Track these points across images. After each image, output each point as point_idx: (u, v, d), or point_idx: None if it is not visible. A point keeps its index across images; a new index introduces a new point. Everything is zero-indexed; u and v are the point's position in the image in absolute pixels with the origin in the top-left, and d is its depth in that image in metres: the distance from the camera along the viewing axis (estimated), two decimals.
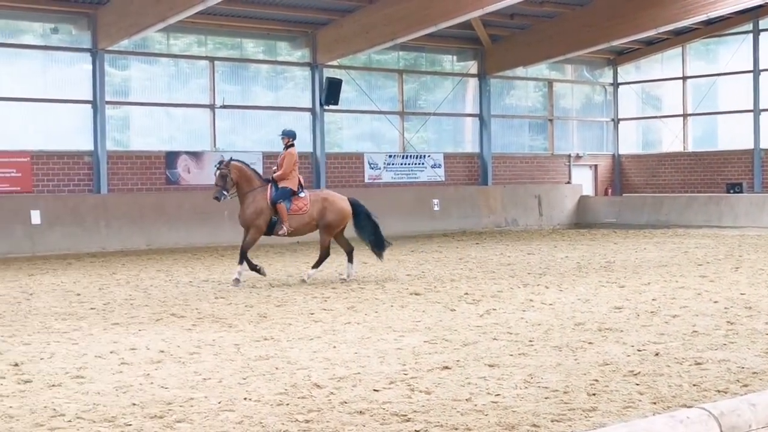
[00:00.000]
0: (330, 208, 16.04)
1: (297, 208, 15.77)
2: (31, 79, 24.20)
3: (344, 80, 28.58)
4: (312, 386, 7.72)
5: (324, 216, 16.00)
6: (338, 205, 16.16)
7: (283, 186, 15.73)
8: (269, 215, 15.59)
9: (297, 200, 15.78)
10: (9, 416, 6.89)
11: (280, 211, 15.57)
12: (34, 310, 12.88)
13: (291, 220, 15.67)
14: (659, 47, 34.46)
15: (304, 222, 15.93)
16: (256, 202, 15.54)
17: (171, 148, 25.94)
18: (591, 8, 29.43)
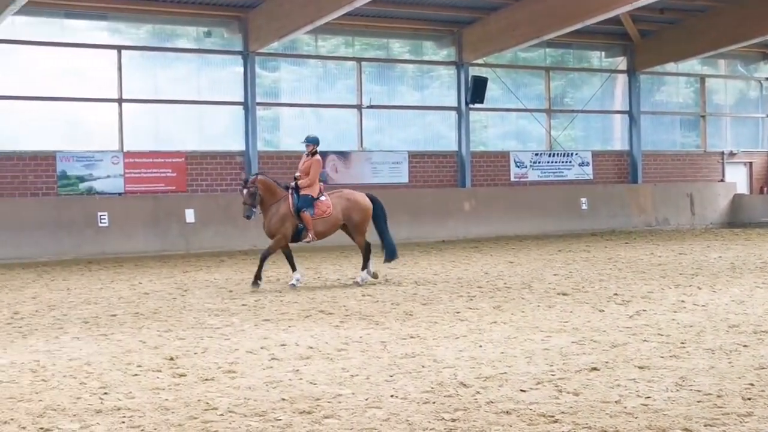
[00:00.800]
0: (354, 207, 15.86)
1: (321, 212, 15.54)
2: (186, 82, 24.98)
3: (490, 78, 28.46)
4: (458, 385, 7.72)
5: (350, 217, 15.83)
6: (360, 202, 15.98)
7: (305, 194, 15.51)
8: (294, 223, 15.38)
9: (319, 204, 15.55)
10: (165, 408, 7.12)
11: (305, 219, 15.34)
12: (189, 305, 13.27)
13: (316, 224, 15.47)
14: None
15: (330, 224, 15.71)
16: (280, 212, 15.35)
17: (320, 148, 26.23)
18: (744, 1, 28.45)
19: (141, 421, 6.75)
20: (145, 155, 23.88)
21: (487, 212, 27.54)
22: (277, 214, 15.34)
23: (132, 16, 24.13)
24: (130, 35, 24.51)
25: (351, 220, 15.85)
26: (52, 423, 6.75)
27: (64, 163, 22.82)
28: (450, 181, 28.24)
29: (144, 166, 23.77)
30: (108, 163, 23.28)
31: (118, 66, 23.84)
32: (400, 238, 25.37)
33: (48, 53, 23.25)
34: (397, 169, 27.30)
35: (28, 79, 22.86)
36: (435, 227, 26.46)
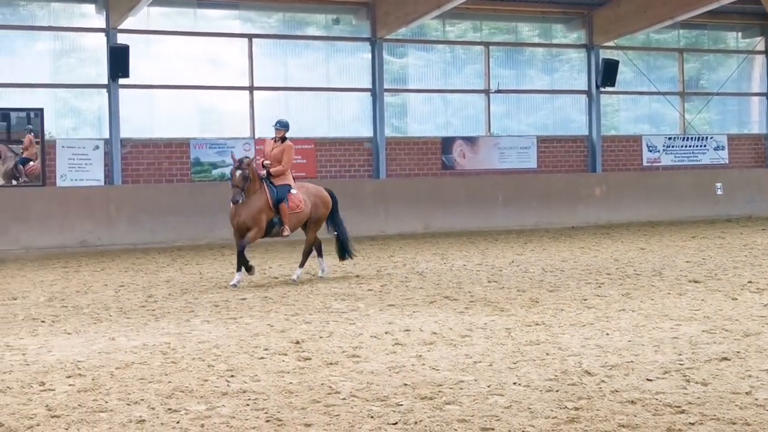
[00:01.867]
0: (320, 203, 15.08)
1: (294, 205, 14.51)
2: (315, 69, 25.25)
3: (621, 61, 27.89)
4: (583, 373, 7.61)
5: (317, 210, 15.00)
6: (325, 198, 15.21)
7: (282, 183, 14.52)
8: (270, 216, 14.35)
9: (292, 197, 14.47)
10: (289, 392, 7.23)
11: (283, 212, 14.38)
12: (316, 290, 13.45)
13: (291, 219, 14.50)
14: None
15: (300, 219, 14.78)
16: (259, 203, 14.20)
17: (447, 133, 26.28)
18: None
19: (265, 404, 6.87)
20: None
21: (619, 198, 27.05)
22: (255, 205, 14.18)
23: (263, 5, 24.50)
24: (261, 24, 24.90)
25: (315, 215, 15.02)
26: (180, 404, 6.92)
27: (198, 150, 23.37)
28: (580, 166, 27.82)
29: None
30: (240, 149, 23.70)
31: (249, 54, 24.26)
32: (529, 223, 25.24)
33: (181, 43, 23.82)
34: (526, 154, 27.03)
35: (163, 68, 23.46)
36: (565, 213, 26.12)
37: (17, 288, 14.41)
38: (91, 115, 22.96)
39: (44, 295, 13.56)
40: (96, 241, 21.32)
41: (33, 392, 7.41)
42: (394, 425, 6.28)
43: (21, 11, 22.20)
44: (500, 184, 25.76)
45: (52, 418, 6.64)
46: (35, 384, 7.67)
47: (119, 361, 8.50)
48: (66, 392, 7.36)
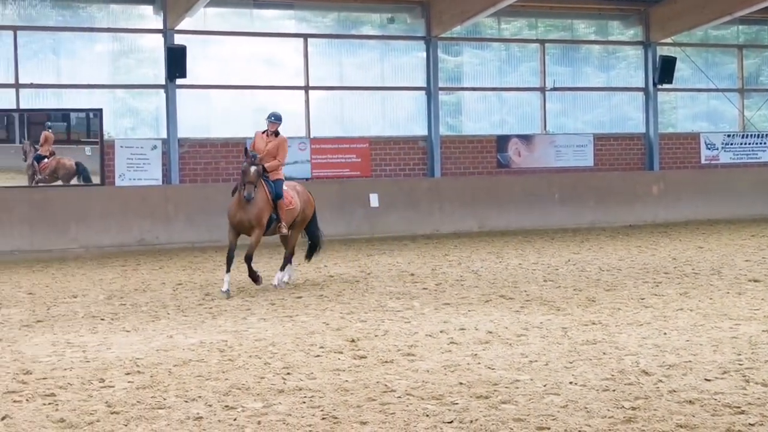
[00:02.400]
0: (308, 202, 14.56)
1: (288, 202, 13.91)
2: (370, 68, 25.30)
3: (678, 58, 27.57)
4: (640, 373, 7.55)
5: (304, 210, 14.37)
6: (311, 198, 14.73)
7: (278, 178, 13.85)
8: (270, 212, 13.69)
9: (285, 193, 13.86)
10: (344, 389, 7.26)
11: (281, 207, 13.78)
12: (371, 288, 13.47)
13: (286, 215, 13.89)
14: None
15: (293, 216, 14.12)
16: (261, 199, 13.46)
17: (502, 131, 26.18)
18: None
19: (321, 402, 6.90)
20: (331, 141, 24.34)
21: (677, 196, 26.74)
22: (258, 202, 13.39)
23: (318, 5, 24.60)
24: (316, 23, 25.00)
25: (302, 215, 14.40)
26: (237, 401, 6.98)
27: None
28: (637, 164, 27.56)
29: (330, 152, 24.24)
30: (295, 149, 23.83)
31: (304, 54, 24.36)
32: (585, 222, 25.06)
33: (237, 43, 23.98)
34: (582, 152, 26.83)
35: (219, 68, 23.66)
36: (621, 211, 25.88)
37: (77, 286, 14.63)
38: (149, 116, 23.22)
39: (103, 293, 13.74)
40: (154, 239, 21.56)
41: (93, 389, 7.52)
42: (449, 424, 6.28)
43: (81, 13, 22.50)
44: (556, 182, 25.60)
45: (111, 414, 6.73)
46: (95, 381, 7.79)
47: (177, 359, 8.59)
48: (125, 389, 7.46)
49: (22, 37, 21.71)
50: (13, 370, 8.24)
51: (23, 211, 20.60)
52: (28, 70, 21.69)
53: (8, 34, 21.55)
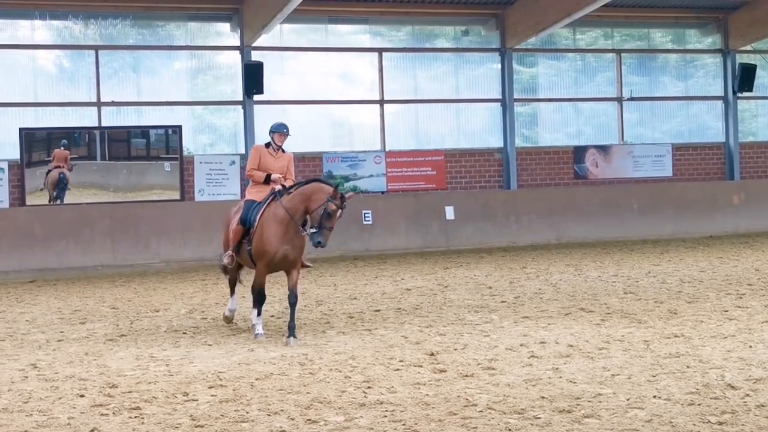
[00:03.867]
0: None
1: None
2: (444, 81, 25.32)
3: (759, 65, 27.09)
4: (726, 387, 7.42)
5: None
6: None
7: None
8: None
9: None
10: (425, 404, 7.26)
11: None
12: (449, 302, 13.45)
13: None
14: None
15: None
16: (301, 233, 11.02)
17: (578, 142, 25.99)
18: None
19: (402, 416, 6.91)
20: (406, 154, 24.38)
21: (759, 206, 26.23)
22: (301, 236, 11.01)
23: (392, 19, 24.71)
24: (390, 37, 25.11)
25: None
26: (319, 415, 7.02)
27: (330, 163, 23.67)
28: (717, 173, 27.12)
29: (405, 165, 24.28)
30: (371, 162, 23.95)
31: (379, 68, 24.48)
32: (665, 233, 24.71)
33: (313, 58, 24.20)
34: (660, 162, 26.49)
35: (295, 83, 23.90)
36: (702, 222, 25.48)
37: (159, 300, 14.85)
38: (226, 131, 23.53)
39: (185, 307, 13.94)
40: None
41: (177, 402, 7.62)
42: None
43: (159, 32, 22.92)
44: (634, 192, 25.31)
45: (196, 427, 6.82)
46: (179, 394, 7.90)
47: (259, 372, 8.67)
48: (208, 402, 7.55)
49: (103, 56, 22.19)
50: (99, 384, 8.40)
51: (105, 225, 21.00)
52: (110, 88, 22.16)
53: (90, 53, 22.06)
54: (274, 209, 10.94)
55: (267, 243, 10.77)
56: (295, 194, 10.94)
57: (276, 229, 10.79)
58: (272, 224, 10.80)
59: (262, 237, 10.81)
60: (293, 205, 10.84)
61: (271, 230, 10.79)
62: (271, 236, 10.77)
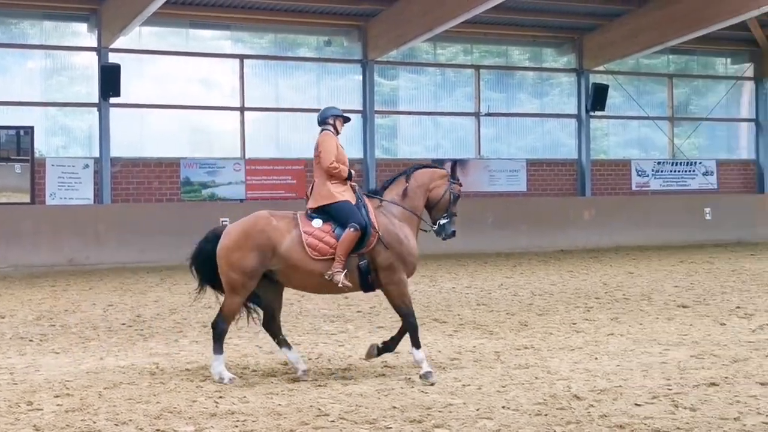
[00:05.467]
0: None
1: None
2: (306, 90, 25.32)
3: (611, 85, 28.02)
4: (572, 397, 7.61)
5: None
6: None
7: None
8: None
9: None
10: (277, 413, 7.21)
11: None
12: (305, 311, 13.42)
13: None
14: None
15: None
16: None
17: (437, 155, 26.32)
18: None
19: (254, 426, 6.85)
20: (266, 162, 24.27)
21: (608, 222, 27.09)
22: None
23: (254, 26, 24.58)
24: (253, 44, 24.97)
25: None
26: (168, 425, 6.90)
27: (188, 169, 23.36)
28: (569, 189, 27.91)
29: (265, 173, 24.17)
30: (230, 170, 23.74)
31: (240, 74, 24.32)
32: (518, 246, 25.24)
33: (173, 62, 23.87)
34: (516, 177, 27.10)
35: (154, 87, 23.50)
36: (554, 236, 26.13)
37: (5, 306, 14.36)
38: (81, 134, 22.95)
39: (32, 313, 13.51)
40: (84, 260, 21.25)
41: (20, 412, 7.38)
42: None
43: (13, 30, 22.23)
44: (490, 206, 25.80)
45: None
46: (23, 403, 7.64)
47: (107, 381, 8.47)
48: (54, 412, 7.33)
49: None
50: None
51: None
52: None
53: None
54: (388, 209, 9.10)
55: (414, 250, 9.11)
56: (411, 189, 9.25)
57: (411, 233, 9.16)
58: (406, 228, 9.09)
59: (410, 244, 9.02)
60: (415, 202, 9.25)
61: (411, 235, 9.12)
62: (414, 242, 9.13)
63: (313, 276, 8.67)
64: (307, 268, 8.64)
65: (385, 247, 8.79)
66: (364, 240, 8.72)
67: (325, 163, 8.97)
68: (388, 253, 8.80)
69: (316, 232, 8.70)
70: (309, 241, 8.64)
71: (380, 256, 8.78)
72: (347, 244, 8.65)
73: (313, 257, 8.62)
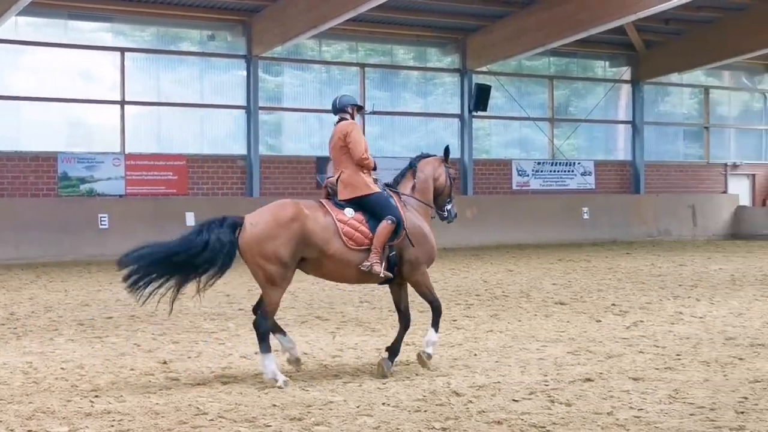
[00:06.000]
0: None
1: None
2: (189, 85, 25.01)
3: (493, 86, 28.43)
4: (451, 394, 7.68)
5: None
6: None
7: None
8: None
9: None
10: (155, 413, 7.08)
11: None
12: (185, 309, 13.21)
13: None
14: None
15: None
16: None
17: (322, 153, 26.31)
18: (749, 13, 28.40)
19: (130, 425, 6.71)
20: (147, 158, 23.87)
21: (489, 220, 27.48)
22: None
23: (136, 19, 24.15)
24: (134, 37, 24.54)
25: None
26: (41, 425, 6.71)
27: (66, 164, 22.82)
28: None
29: (145, 168, 23.77)
30: (109, 165, 23.28)
31: (121, 68, 23.86)
32: None
33: (51, 54, 23.27)
34: None
35: (31, 79, 22.89)
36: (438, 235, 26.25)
37: None
38: None
39: None
40: None
41: None
42: None
43: None
44: None
45: None
46: None
47: None
48: None
49: None
50: None
51: None
52: None
53: None
54: (409, 203, 9.09)
55: (435, 243, 9.20)
56: (420, 182, 9.28)
57: (430, 226, 9.22)
58: (426, 221, 9.16)
59: (432, 238, 9.11)
60: (428, 195, 9.33)
61: (430, 228, 9.17)
62: (433, 236, 9.18)
63: (349, 266, 8.49)
64: (345, 258, 8.44)
65: (410, 242, 8.79)
66: (397, 232, 8.68)
67: (357, 154, 8.88)
68: (415, 247, 8.81)
69: (350, 222, 8.53)
70: (345, 230, 8.46)
71: (408, 249, 8.78)
72: (384, 235, 8.55)
73: (350, 247, 8.44)
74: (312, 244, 8.31)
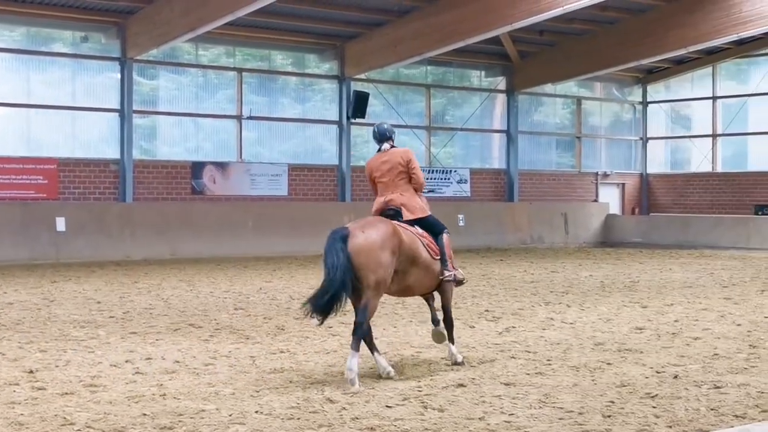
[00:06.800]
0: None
1: None
2: (61, 87, 24.41)
3: (372, 94, 28.57)
4: (325, 401, 7.66)
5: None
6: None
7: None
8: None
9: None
10: (19, 423, 6.86)
11: None
12: (54, 317, 12.89)
13: None
14: (689, 66, 34.24)
15: None
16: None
17: (197, 158, 26.04)
18: (620, 26, 29.29)
19: None
20: (15, 161, 23.20)
21: None
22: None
23: (5, 18, 23.46)
24: (3, 37, 23.83)
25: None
26: None
27: None
28: (330, 195, 28.22)
29: (13, 172, 23.08)
30: None
31: None
32: (278, 251, 25.26)
33: None
34: (277, 182, 27.15)
35: None
36: (314, 241, 26.18)
37: None
38: None
39: None
40: None
41: None
42: None
43: None
44: (251, 210, 25.72)
45: None
46: None
47: None
48: None
49: None
50: None
51: None
52: None
53: None
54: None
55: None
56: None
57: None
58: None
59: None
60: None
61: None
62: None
63: (433, 275, 9.29)
64: (431, 267, 9.21)
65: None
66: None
67: (421, 180, 9.76)
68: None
69: (426, 235, 9.29)
70: (427, 243, 9.21)
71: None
72: (450, 247, 9.51)
73: (434, 257, 9.23)
74: (407, 254, 8.94)
